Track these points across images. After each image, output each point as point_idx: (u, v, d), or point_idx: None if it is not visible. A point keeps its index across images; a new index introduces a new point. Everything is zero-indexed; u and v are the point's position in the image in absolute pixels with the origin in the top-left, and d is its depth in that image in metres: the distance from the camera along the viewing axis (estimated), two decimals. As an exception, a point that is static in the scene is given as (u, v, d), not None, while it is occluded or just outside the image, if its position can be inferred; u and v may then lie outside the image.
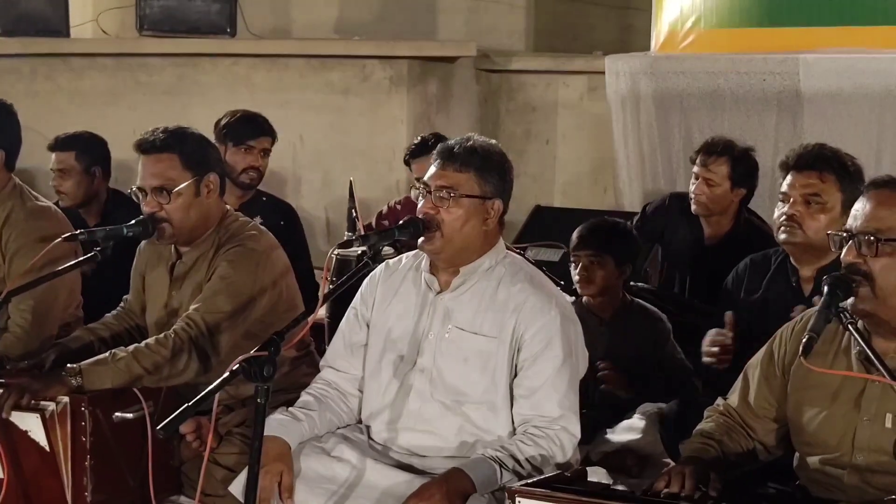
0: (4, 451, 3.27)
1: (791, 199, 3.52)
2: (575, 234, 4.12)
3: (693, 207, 4.71)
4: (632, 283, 4.34)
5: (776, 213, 3.58)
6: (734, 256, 4.04)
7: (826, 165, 3.52)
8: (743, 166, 4.64)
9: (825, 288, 2.72)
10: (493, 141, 3.24)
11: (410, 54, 6.75)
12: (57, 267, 3.59)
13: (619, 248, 4.06)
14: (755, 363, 3.01)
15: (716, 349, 3.54)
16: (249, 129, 5.05)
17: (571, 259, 4.11)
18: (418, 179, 5.03)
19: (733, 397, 3.02)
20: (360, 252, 4.03)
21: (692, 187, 4.69)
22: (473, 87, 7.05)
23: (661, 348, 4.05)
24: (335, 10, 7.48)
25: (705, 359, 3.57)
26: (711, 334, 3.58)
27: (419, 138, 5.42)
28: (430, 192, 3.13)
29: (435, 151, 3.18)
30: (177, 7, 6.85)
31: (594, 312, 4.07)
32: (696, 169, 4.69)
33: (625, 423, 3.87)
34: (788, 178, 3.56)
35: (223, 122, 5.04)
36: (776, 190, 3.67)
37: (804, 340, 2.66)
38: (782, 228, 3.54)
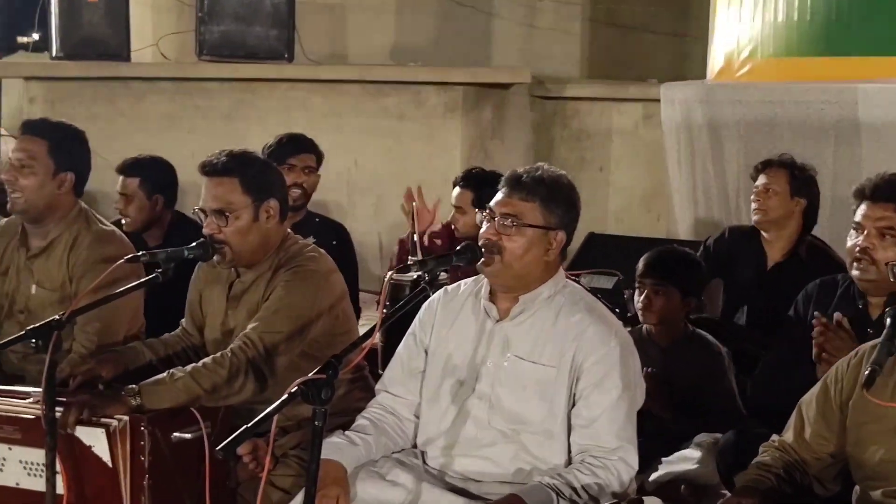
0: (66, 469, 3.30)
1: (865, 231, 3.46)
2: (642, 260, 4.08)
3: (754, 219, 4.74)
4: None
5: (849, 243, 3.52)
6: (796, 279, 4.00)
7: None
8: (802, 177, 4.73)
9: (888, 320, 2.70)
10: (563, 172, 3.21)
11: (465, 80, 6.79)
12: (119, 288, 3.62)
13: (685, 279, 4.03)
14: (809, 399, 2.98)
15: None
16: (290, 147, 5.11)
17: (636, 285, 4.07)
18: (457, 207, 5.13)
19: (788, 434, 3.00)
20: (415, 277, 4.04)
21: (753, 204, 4.74)
22: (527, 113, 7.07)
23: (719, 381, 4.00)
24: (391, 37, 7.54)
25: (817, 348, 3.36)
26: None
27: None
28: (493, 219, 3.12)
29: (503, 178, 3.18)
30: (236, 32, 6.93)
31: (653, 340, 4.05)
32: (757, 182, 4.75)
33: (680, 452, 3.85)
34: (863, 207, 3.49)
35: (268, 147, 5.10)
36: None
37: (867, 373, 2.63)
38: (855, 265, 3.48)
